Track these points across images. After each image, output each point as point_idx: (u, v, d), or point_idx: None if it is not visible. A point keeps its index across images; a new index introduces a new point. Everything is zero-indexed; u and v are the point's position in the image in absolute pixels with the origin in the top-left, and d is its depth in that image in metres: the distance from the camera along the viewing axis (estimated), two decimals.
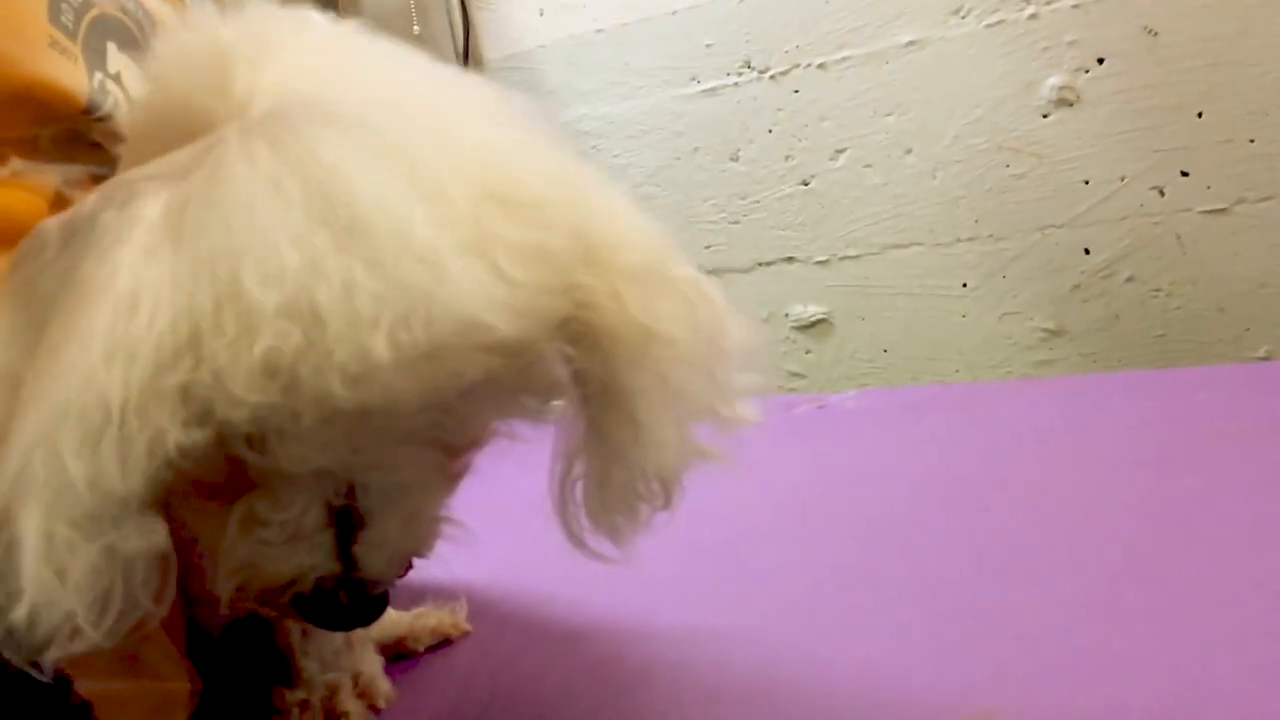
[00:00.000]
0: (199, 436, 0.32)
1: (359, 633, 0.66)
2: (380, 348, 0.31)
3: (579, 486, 0.45)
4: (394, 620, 0.72)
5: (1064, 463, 0.85)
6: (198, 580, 0.43)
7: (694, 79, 1.59)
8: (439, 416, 0.38)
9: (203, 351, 0.31)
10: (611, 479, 0.43)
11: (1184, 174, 1.30)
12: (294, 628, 0.64)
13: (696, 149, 1.61)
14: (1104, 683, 0.51)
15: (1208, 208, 1.30)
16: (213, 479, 0.38)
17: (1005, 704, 0.51)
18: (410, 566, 0.45)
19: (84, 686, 0.48)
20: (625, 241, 0.38)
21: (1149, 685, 0.50)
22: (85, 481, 0.32)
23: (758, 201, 1.58)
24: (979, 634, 0.58)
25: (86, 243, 0.36)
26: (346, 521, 0.40)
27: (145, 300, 0.33)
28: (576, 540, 0.45)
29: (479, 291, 0.32)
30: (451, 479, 0.45)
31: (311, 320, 0.31)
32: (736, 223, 1.60)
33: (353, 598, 0.41)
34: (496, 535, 0.88)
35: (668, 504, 0.44)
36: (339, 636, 0.64)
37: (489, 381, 0.34)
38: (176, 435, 0.32)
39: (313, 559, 0.40)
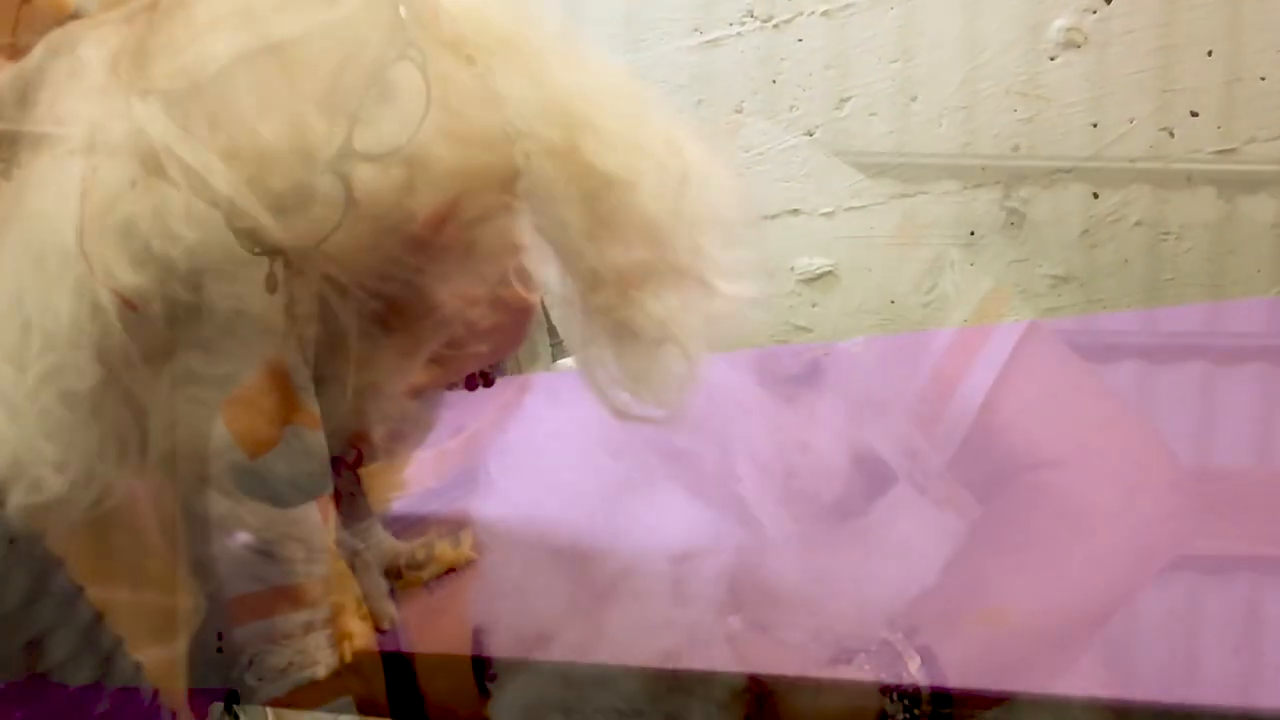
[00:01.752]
0: (143, 276, 0.32)
1: (364, 557, 0.65)
2: (324, 185, 0.31)
3: None
4: (398, 550, 0.71)
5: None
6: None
7: (696, 30, 1.57)
8: (386, 268, 0.37)
9: (148, 189, 0.32)
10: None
11: (1194, 114, 1.29)
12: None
13: (700, 101, 1.59)
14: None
15: (1218, 148, 1.28)
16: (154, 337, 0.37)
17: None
18: (360, 454, 0.43)
19: (94, 593, 0.48)
20: (588, 94, 0.37)
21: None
22: (38, 323, 0.32)
23: (761, 154, 1.57)
24: None
25: (39, 92, 0.36)
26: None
27: (98, 143, 0.33)
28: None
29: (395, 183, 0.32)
30: (410, 358, 0.43)
31: (256, 160, 0.31)
32: (740, 176, 1.59)
33: None
34: (503, 469, 0.88)
35: None
36: (344, 559, 0.64)
37: (435, 243, 0.34)
38: (123, 273, 0.32)
39: None
